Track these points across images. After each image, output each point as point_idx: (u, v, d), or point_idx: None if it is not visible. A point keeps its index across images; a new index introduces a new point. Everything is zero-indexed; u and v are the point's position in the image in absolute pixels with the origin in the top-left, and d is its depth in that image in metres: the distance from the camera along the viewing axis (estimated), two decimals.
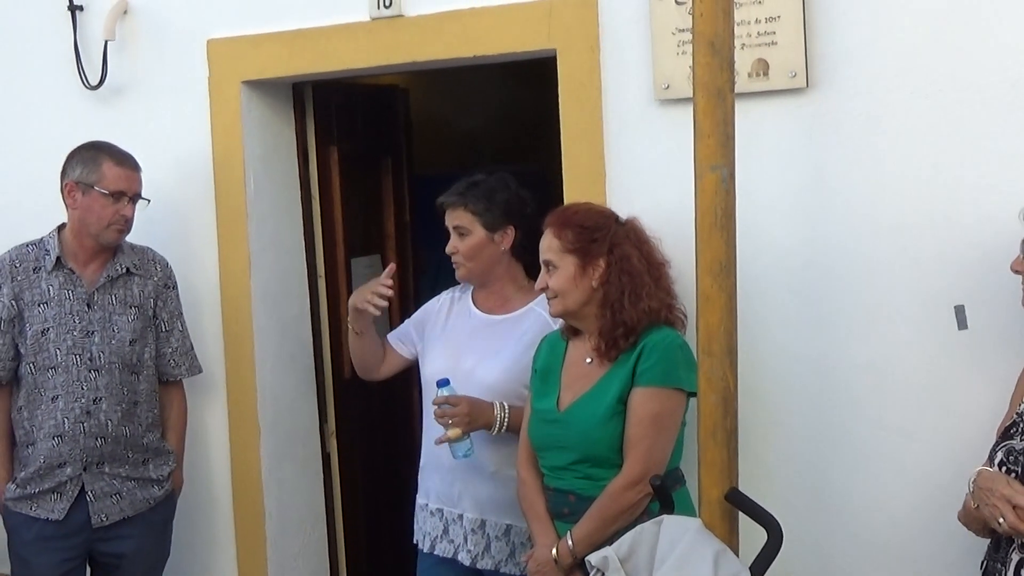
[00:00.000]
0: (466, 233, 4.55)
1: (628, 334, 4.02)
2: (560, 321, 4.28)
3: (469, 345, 4.59)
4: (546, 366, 4.27)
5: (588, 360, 4.15)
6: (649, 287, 4.05)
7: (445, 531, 4.57)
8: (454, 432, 4.37)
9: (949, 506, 3.84)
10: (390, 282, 4.67)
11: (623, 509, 3.96)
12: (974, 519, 3.66)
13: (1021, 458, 3.51)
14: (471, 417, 4.38)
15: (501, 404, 4.43)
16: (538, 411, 4.21)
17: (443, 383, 4.42)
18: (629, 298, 4.02)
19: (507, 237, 4.57)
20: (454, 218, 4.58)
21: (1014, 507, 3.39)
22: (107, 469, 4.88)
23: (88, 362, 4.84)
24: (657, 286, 4.08)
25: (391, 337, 4.88)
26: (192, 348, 5.21)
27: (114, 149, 4.93)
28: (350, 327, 4.79)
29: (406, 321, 4.92)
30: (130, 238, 5.00)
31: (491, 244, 4.56)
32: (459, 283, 4.80)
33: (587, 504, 4.02)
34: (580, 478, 4.08)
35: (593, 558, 3.65)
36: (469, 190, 4.58)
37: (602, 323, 4.07)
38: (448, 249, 4.61)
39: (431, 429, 4.58)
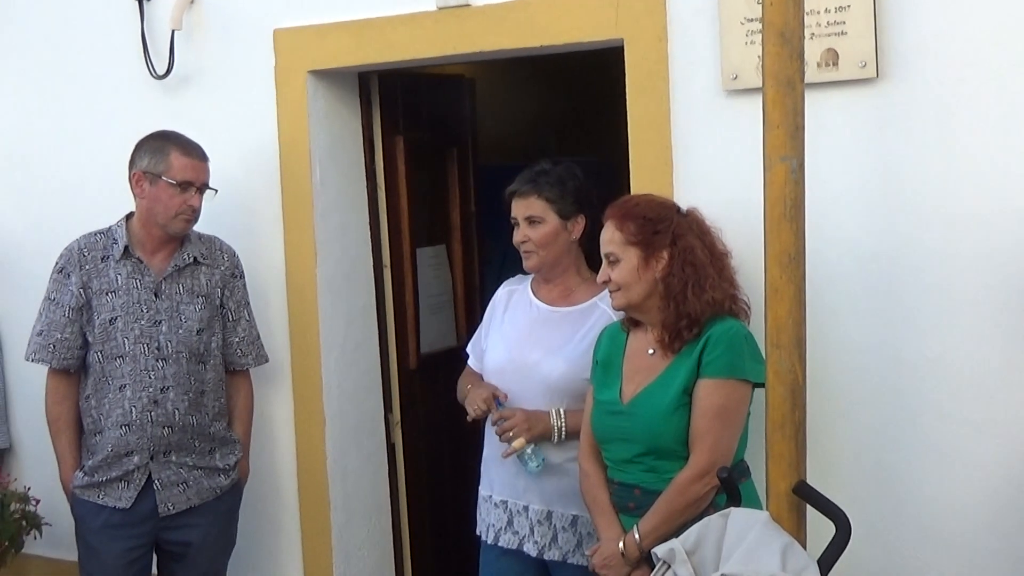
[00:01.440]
0: (539, 221, 4.53)
1: (692, 325, 4.00)
2: (622, 314, 4.26)
3: (532, 337, 4.58)
4: (607, 357, 4.25)
5: (651, 351, 4.12)
6: (713, 278, 4.03)
7: (509, 522, 4.56)
8: (518, 443, 4.37)
9: (1019, 502, 3.82)
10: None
11: (690, 502, 3.94)
12: None
13: None
14: (529, 424, 4.39)
15: (557, 411, 4.43)
16: (601, 402, 4.19)
17: (498, 403, 4.46)
18: (693, 289, 4.00)
19: (578, 226, 4.55)
20: (526, 207, 4.55)
21: None
22: (174, 458, 4.91)
23: (156, 351, 4.86)
24: (721, 277, 4.06)
25: (473, 362, 4.83)
26: (259, 337, 5.24)
27: (182, 139, 4.95)
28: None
29: (476, 339, 4.87)
30: (197, 227, 5.02)
31: (564, 232, 4.54)
32: (520, 274, 4.78)
33: (653, 498, 3.99)
34: (645, 471, 4.06)
35: (659, 550, 3.63)
36: (540, 177, 4.56)
37: (665, 315, 4.04)
38: (518, 239, 4.57)
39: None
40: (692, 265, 4.02)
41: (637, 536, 3.99)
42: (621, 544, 4.03)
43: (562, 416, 4.42)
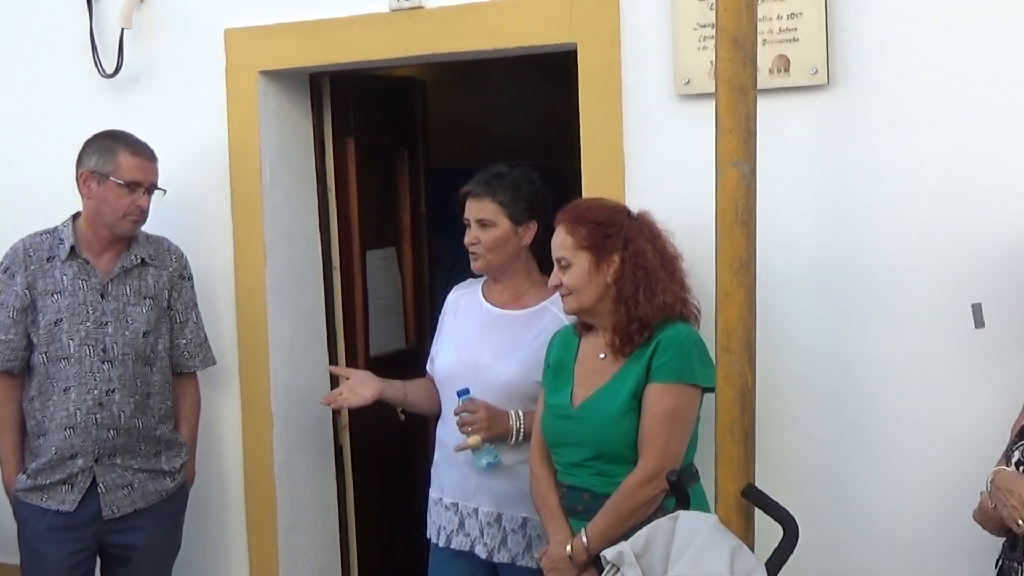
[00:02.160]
0: (490, 225, 4.52)
1: (643, 329, 4.01)
2: (573, 317, 4.26)
3: (482, 341, 4.57)
4: (559, 361, 4.25)
5: (602, 356, 4.13)
6: (664, 281, 4.04)
7: (461, 524, 4.55)
8: (474, 440, 4.37)
9: (964, 503, 3.84)
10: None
11: (638, 505, 3.95)
12: (990, 518, 3.65)
13: None
14: (490, 423, 4.38)
15: (517, 413, 4.43)
16: (551, 406, 4.20)
17: (463, 393, 4.43)
18: (644, 293, 4.00)
19: (530, 231, 4.55)
20: (478, 209, 4.54)
21: None
22: (119, 461, 4.86)
23: (101, 353, 4.82)
24: (671, 280, 4.07)
25: (430, 369, 4.80)
26: (206, 340, 5.21)
27: (131, 139, 4.92)
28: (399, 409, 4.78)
29: (434, 345, 4.85)
30: (145, 228, 4.98)
31: (514, 237, 4.54)
32: (471, 278, 4.78)
33: (601, 501, 4.00)
34: (594, 475, 4.06)
35: (608, 553, 3.63)
36: (495, 181, 4.55)
37: (616, 319, 4.04)
38: (468, 240, 4.57)
39: (445, 424, 4.59)
40: (643, 269, 4.02)
41: (585, 539, 4.00)
42: (569, 547, 4.03)
43: (521, 418, 4.42)
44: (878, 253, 4.25)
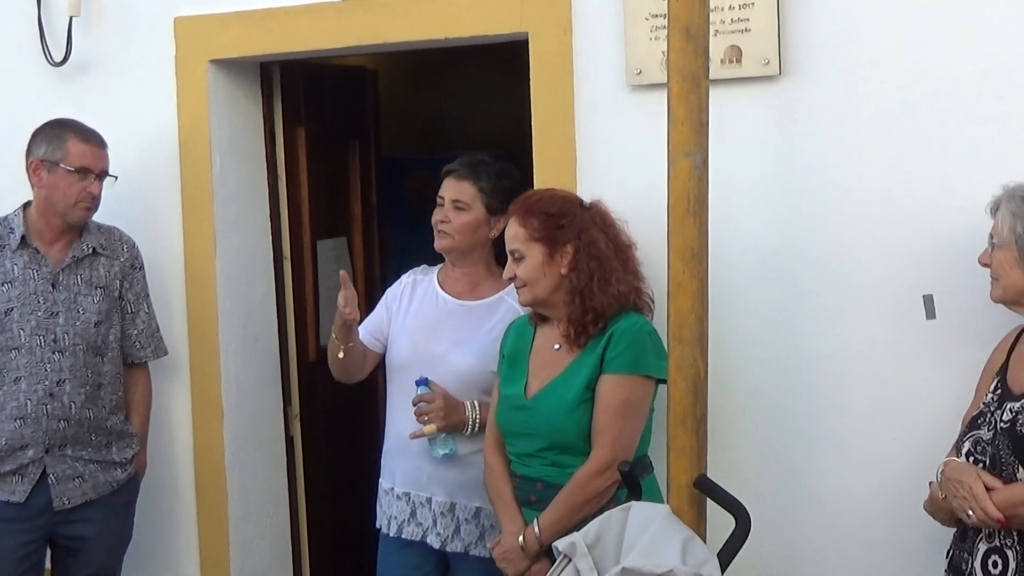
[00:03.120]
0: (465, 208, 4.51)
1: (598, 320, 4.01)
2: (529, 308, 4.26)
3: (439, 330, 4.56)
4: (514, 352, 4.25)
5: (556, 346, 4.13)
6: (618, 271, 4.04)
7: (413, 514, 4.55)
8: (429, 428, 4.37)
9: (914, 494, 3.87)
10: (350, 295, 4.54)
11: (590, 496, 3.95)
12: (941, 509, 3.68)
13: (989, 448, 3.53)
14: (446, 412, 4.38)
15: (472, 404, 4.43)
16: (506, 397, 4.20)
17: (422, 382, 4.43)
18: (598, 283, 4.01)
19: (500, 224, 4.49)
20: (457, 190, 4.54)
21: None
22: (70, 452, 4.83)
23: (52, 343, 4.79)
24: (625, 269, 4.07)
25: (364, 337, 4.78)
26: (158, 330, 5.18)
27: (79, 126, 4.89)
28: (339, 345, 4.64)
29: (373, 316, 4.85)
30: (96, 218, 4.95)
31: (484, 226, 4.54)
32: (425, 265, 4.77)
33: (554, 491, 4.01)
34: (548, 465, 4.07)
35: (560, 544, 3.63)
36: (480, 167, 4.55)
37: (571, 310, 4.04)
38: (438, 217, 4.55)
39: (396, 413, 4.58)
40: (596, 259, 4.02)
41: (537, 530, 4.01)
42: (521, 538, 4.04)
43: (477, 409, 4.42)
44: (829, 244, 4.26)
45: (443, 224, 4.54)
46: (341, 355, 4.63)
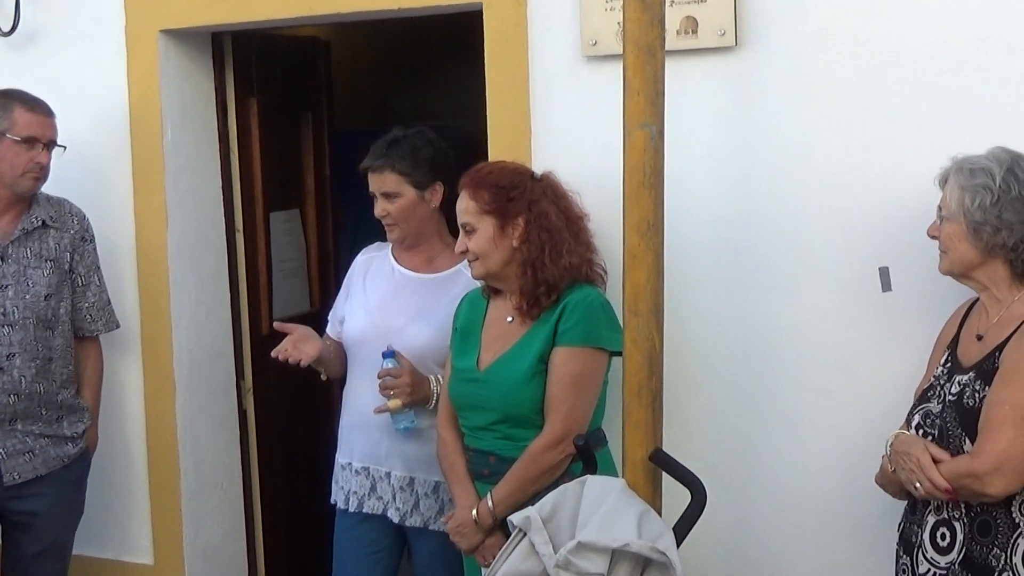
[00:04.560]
0: (395, 196, 4.47)
1: (550, 292, 3.99)
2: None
3: (396, 304, 4.54)
4: (467, 324, 4.23)
5: (509, 319, 4.11)
6: (569, 243, 4.01)
7: (373, 488, 4.53)
8: (394, 403, 4.34)
9: (867, 467, 3.87)
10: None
11: (544, 470, 3.94)
12: (891, 481, 3.69)
13: (938, 421, 3.54)
14: (412, 387, 4.35)
15: (436, 378, 4.40)
16: (458, 370, 4.18)
17: (388, 354, 4.39)
18: (550, 255, 3.98)
19: (436, 194, 4.50)
20: (380, 182, 4.49)
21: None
22: (20, 426, 4.79)
23: (1, 317, 4.74)
24: (577, 241, 4.05)
25: (333, 329, 4.76)
26: (109, 303, 5.14)
27: (25, 95, 4.84)
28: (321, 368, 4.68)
29: (337, 305, 4.79)
30: (44, 190, 4.90)
31: (422, 203, 4.50)
32: (379, 241, 4.74)
33: (507, 465, 4.00)
34: (500, 439, 4.06)
35: (515, 518, 3.62)
36: (392, 150, 4.49)
37: (523, 282, 4.02)
38: (378, 213, 4.52)
39: (355, 389, 4.56)
40: (548, 231, 4.00)
41: (491, 504, 4.00)
42: (474, 512, 4.03)
43: (440, 383, 4.39)
44: (784, 216, 4.26)
45: (385, 217, 4.52)
46: (324, 378, 4.69)
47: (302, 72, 6.26)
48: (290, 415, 6.01)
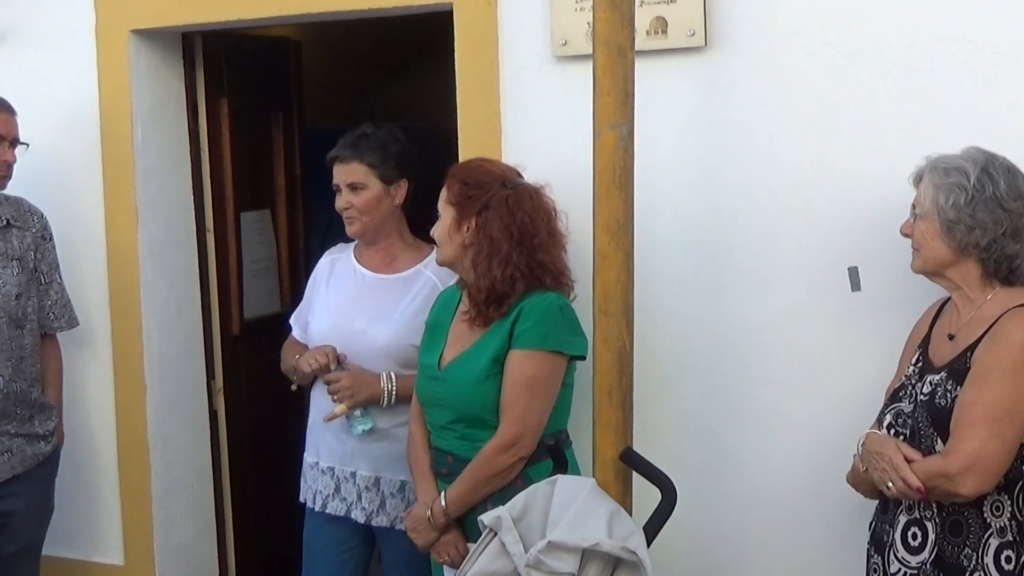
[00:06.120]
0: (361, 187, 4.48)
1: (490, 300, 3.97)
2: (447, 280, 4.28)
3: (357, 305, 4.54)
4: (436, 321, 4.23)
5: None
6: (508, 256, 3.96)
7: (337, 489, 4.53)
8: (340, 408, 4.34)
9: (838, 466, 3.87)
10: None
11: (495, 472, 3.93)
12: (862, 481, 3.69)
13: (909, 421, 3.54)
14: (353, 390, 4.35)
15: (388, 375, 4.40)
16: (423, 366, 4.19)
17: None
18: (489, 262, 3.96)
19: (401, 190, 4.52)
20: (348, 173, 4.50)
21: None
22: None
23: None
24: (520, 254, 3.98)
25: (299, 335, 4.75)
26: (70, 301, 5.12)
27: None
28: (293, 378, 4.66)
29: (302, 309, 4.79)
30: (13, 190, 4.87)
31: (387, 198, 4.51)
32: (342, 242, 4.74)
33: (464, 465, 4.00)
34: (458, 438, 4.05)
35: (486, 518, 3.62)
36: (362, 142, 4.51)
37: (471, 282, 4.03)
38: (340, 204, 4.52)
39: (319, 390, 4.55)
40: (488, 239, 3.96)
41: (443, 502, 4.00)
42: (429, 510, 4.03)
43: (393, 380, 4.38)
44: (753, 215, 4.27)
45: (348, 210, 4.53)
46: (294, 388, 4.68)
47: (273, 72, 6.25)
48: (260, 415, 6.01)
